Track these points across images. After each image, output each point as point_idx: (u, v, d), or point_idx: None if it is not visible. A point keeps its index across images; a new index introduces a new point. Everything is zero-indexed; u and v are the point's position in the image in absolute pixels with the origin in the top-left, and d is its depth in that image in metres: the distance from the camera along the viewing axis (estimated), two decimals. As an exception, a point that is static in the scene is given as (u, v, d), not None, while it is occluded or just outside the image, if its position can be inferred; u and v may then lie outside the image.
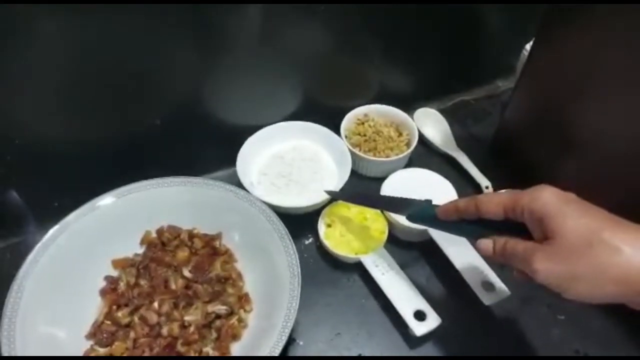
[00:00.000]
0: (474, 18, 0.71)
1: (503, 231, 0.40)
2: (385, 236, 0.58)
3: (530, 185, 0.39)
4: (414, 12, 0.63)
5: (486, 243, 0.40)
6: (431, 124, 0.75)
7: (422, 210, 0.48)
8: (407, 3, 0.61)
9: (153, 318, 0.51)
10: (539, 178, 0.41)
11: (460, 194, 0.61)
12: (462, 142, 0.73)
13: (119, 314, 0.51)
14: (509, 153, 0.67)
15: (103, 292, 0.53)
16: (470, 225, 0.42)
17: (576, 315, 0.55)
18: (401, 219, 0.57)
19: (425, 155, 0.72)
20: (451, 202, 0.43)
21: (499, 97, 0.82)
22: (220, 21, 0.52)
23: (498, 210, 0.39)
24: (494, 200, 0.39)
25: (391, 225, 0.59)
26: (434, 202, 0.47)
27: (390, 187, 0.62)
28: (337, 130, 0.67)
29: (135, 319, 0.51)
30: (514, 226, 0.39)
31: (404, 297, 0.53)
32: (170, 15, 0.49)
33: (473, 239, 0.43)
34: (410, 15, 0.64)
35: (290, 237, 0.52)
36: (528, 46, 0.69)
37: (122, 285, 0.53)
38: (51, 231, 0.51)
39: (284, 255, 0.51)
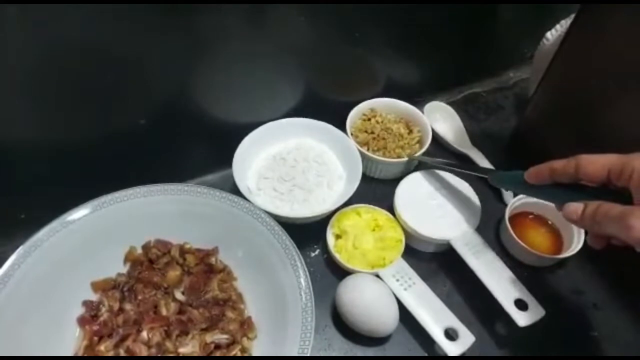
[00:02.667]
0: (488, 4, 0.65)
1: (597, 199, 0.37)
2: (402, 244, 0.53)
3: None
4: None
5: (575, 206, 0.38)
6: (442, 119, 0.69)
7: (507, 174, 0.48)
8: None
9: (142, 351, 0.44)
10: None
11: (479, 197, 0.57)
12: (475, 139, 0.68)
13: (102, 347, 0.44)
14: (529, 151, 0.61)
15: (82, 321, 0.46)
16: (562, 190, 0.40)
17: (610, 330, 0.52)
18: (417, 226, 0.53)
19: (436, 153, 0.66)
20: (545, 164, 0.41)
21: (511, 89, 0.77)
22: (212, 7, 0.46)
23: (602, 173, 0.37)
24: (600, 161, 0.37)
25: (406, 234, 0.54)
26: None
27: (406, 192, 0.56)
28: (341, 128, 0.60)
29: (121, 352, 0.44)
30: (610, 194, 0.37)
31: (432, 313, 0.47)
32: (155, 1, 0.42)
33: (560, 204, 0.40)
34: (421, 2, 0.58)
35: (298, 251, 0.47)
36: (549, 34, 0.63)
37: (103, 312, 0.47)
38: (18, 251, 0.44)
39: (291, 272, 0.46)
